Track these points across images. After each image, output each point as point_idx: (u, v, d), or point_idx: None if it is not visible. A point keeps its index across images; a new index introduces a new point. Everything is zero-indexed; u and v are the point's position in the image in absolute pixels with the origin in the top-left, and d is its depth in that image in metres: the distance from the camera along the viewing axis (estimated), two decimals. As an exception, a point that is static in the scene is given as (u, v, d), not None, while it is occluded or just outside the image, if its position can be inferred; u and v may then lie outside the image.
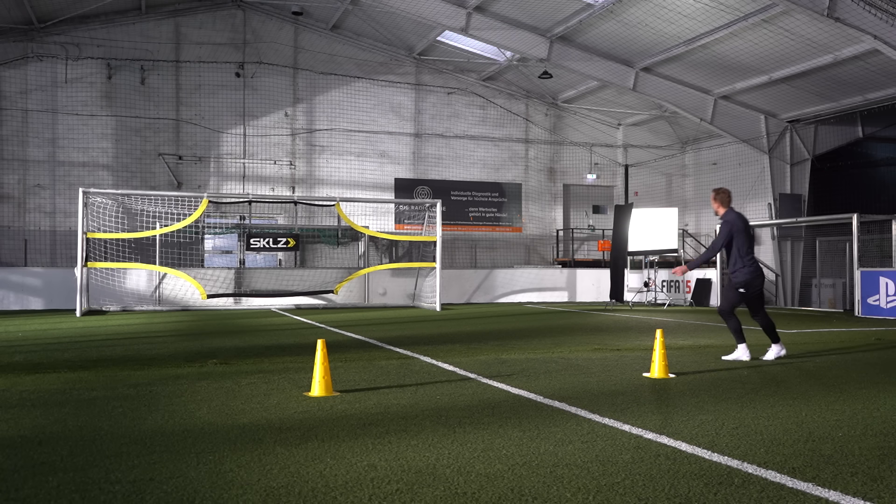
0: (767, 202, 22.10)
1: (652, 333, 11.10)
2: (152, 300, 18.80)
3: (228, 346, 9.89)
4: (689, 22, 18.06)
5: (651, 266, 21.37)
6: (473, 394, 6.14)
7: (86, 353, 8.91)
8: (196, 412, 5.34)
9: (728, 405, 5.65)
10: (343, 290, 19.62)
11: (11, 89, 21.19)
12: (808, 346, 10.18)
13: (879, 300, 16.94)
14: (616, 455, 4.16)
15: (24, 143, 21.29)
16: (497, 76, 25.12)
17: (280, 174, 23.41)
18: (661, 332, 7.30)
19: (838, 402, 5.84)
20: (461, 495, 3.45)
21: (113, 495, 3.43)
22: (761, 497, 3.43)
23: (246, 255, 20.38)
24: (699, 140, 24.98)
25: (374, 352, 9.19)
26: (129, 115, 22.03)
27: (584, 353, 8.98)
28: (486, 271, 22.66)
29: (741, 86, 20.72)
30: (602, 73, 21.39)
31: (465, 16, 19.80)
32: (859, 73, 18.36)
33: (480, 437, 4.57)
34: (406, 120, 24.76)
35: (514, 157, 25.88)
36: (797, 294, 22.27)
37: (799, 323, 14.73)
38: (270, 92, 23.30)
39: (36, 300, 18.43)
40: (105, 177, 21.76)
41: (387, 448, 4.30)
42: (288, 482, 3.64)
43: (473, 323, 14.52)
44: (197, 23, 22.67)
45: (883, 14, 14.86)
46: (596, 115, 26.35)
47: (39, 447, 4.32)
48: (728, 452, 4.22)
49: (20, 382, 6.63)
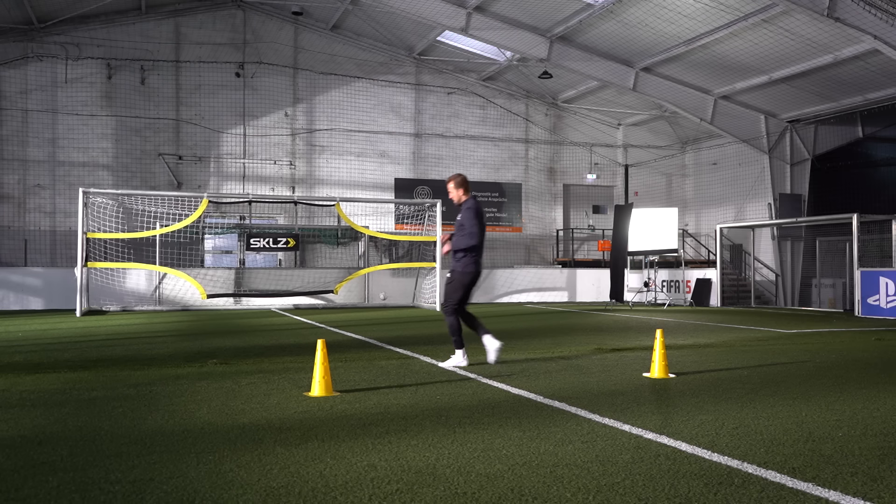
0: (767, 202, 22.11)
1: (652, 333, 11.10)
2: (152, 300, 18.79)
3: (228, 346, 9.89)
4: (689, 22, 18.06)
5: (651, 266, 21.37)
6: (473, 394, 6.14)
7: (86, 353, 8.91)
8: (196, 412, 5.34)
9: (728, 405, 5.65)
10: (343, 290, 19.62)
11: (11, 89, 21.19)
12: (808, 346, 10.17)
13: (879, 300, 16.94)
14: (616, 455, 4.16)
15: (24, 143, 21.29)
16: (497, 76, 25.12)
17: (280, 174, 23.41)
18: (661, 332, 7.30)
19: (838, 402, 5.84)
20: (461, 495, 3.45)
21: (113, 495, 3.43)
22: (761, 497, 3.43)
23: (246, 255, 20.38)
24: (699, 140, 24.98)
25: (374, 352, 9.19)
26: (129, 115, 22.03)
27: (584, 353, 8.98)
28: (486, 271, 22.63)
29: (741, 86, 20.72)
30: (602, 73, 21.39)
31: (465, 16, 19.80)
32: (859, 73, 18.36)
33: (480, 437, 4.57)
34: (406, 120, 24.75)
35: (514, 157, 25.88)
36: (797, 294, 22.27)
37: (799, 323, 14.73)
38: (270, 92, 23.29)
39: (36, 300, 18.42)
40: (105, 177, 21.75)
41: (387, 448, 4.30)
42: (288, 482, 3.64)
43: (473, 323, 14.49)
44: (197, 23, 22.67)
45: (883, 14, 14.86)
46: (596, 115, 26.35)
47: (39, 447, 4.32)
48: (728, 452, 4.22)
49: (20, 382, 6.63)
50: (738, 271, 23.43)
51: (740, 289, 22.48)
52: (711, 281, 21.55)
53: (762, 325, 13.88)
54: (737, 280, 22.91)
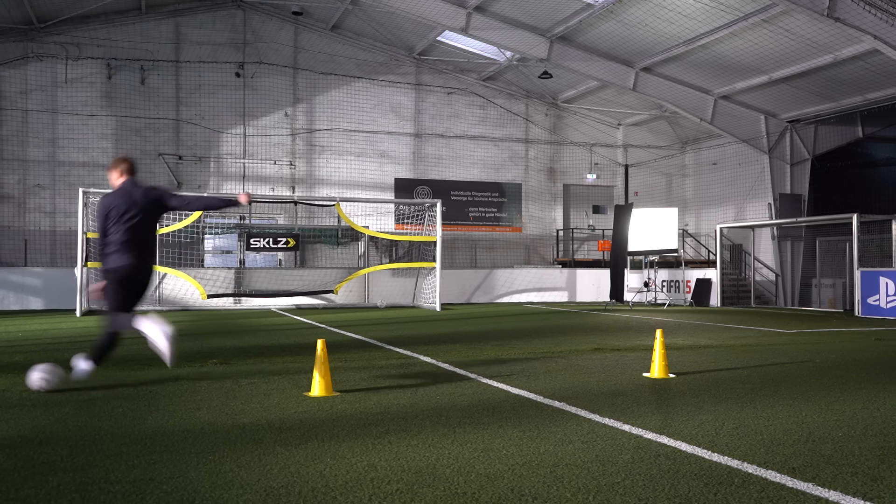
0: (767, 202, 22.11)
1: (652, 333, 11.10)
2: (152, 300, 18.78)
3: (228, 346, 9.88)
4: (689, 22, 18.06)
5: (651, 266, 21.37)
6: (473, 394, 6.14)
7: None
8: (196, 412, 5.34)
9: (728, 405, 5.65)
10: (343, 290, 19.61)
11: (11, 89, 21.18)
12: (808, 346, 10.17)
13: (879, 300, 16.94)
14: (616, 455, 4.16)
15: (24, 143, 21.29)
16: (497, 76, 25.12)
17: (280, 174, 23.41)
18: (661, 332, 7.30)
19: (838, 402, 5.84)
20: (461, 495, 3.45)
21: (113, 495, 3.43)
22: (761, 497, 3.43)
23: (246, 255, 20.37)
24: (699, 140, 24.98)
25: (374, 352, 9.19)
26: (129, 115, 22.03)
27: (584, 353, 8.98)
28: (486, 271, 22.66)
29: (741, 86, 20.72)
30: (602, 73, 21.39)
31: (465, 16, 19.80)
32: (859, 73, 18.36)
33: (480, 437, 4.57)
34: (406, 120, 24.75)
35: (514, 157, 25.88)
36: (797, 294, 22.27)
37: (799, 323, 14.73)
38: (270, 92, 23.29)
39: (36, 300, 18.42)
40: (105, 177, 21.74)
41: (387, 448, 4.30)
42: (288, 482, 3.64)
43: (473, 323, 14.52)
44: (197, 23, 22.67)
45: (883, 14, 14.86)
46: (596, 115, 26.34)
47: (39, 447, 4.32)
48: (728, 452, 4.22)
49: (20, 382, 6.62)
50: (738, 271, 23.43)
51: (740, 289, 22.48)
52: (711, 281, 21.55)
53: (762, 325, 13.88)
54: (737, 280, 22.91)
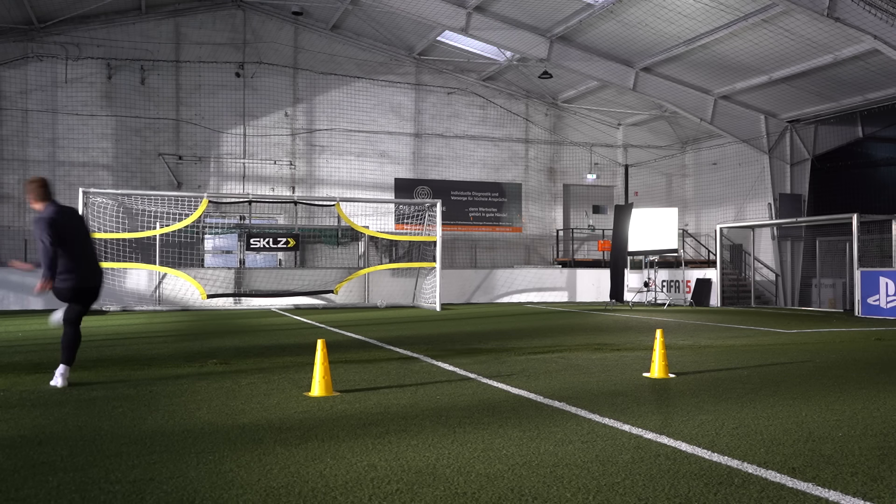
0: (767, 202, 22.10)
1: (652, 333, 11.10)
2: (152, 300, 18.79)
3: (228, 346, 9.89)
4: (689, 22, 18.06)
5: (651, 266, 21.37)
6: (473, 394, 6.14)
7: (86, 353, 8.89)
8: (196, 412, 5.34)
9: (728, 405, 5.65)
10: (343, 290, 19.62)
11: (11, 89, 21.18)
12: (808, 346, 10.17)
13: (879, 300, 16.94)
14: (616, 455, 4.16)
15: (24, 143, 21.28)
16: (497, 76, 25.11)
17: (280, 174, 23.41)
18: (661, 332, 7.30)
19: (838, 402, 5.84)
20: (461, 495, 3.45)
21: (113, 495, 3.43)
22: (761, 497, 3.43)
23: (246, 255, 20.37)
24: (699, 140, 24.98)
25: (374, 352, 9.19)
26: (129, 115, 22.03)
27: (584, 353, 8.98)
28: (486, 271, 22.65)
29: (741, 86, 20.72)
30: (602, 73, 21.38)
31: (465, 16, 19.80)
32: (859, 73, 18.36)
33: (480, 437, 4.57)
34: (406, 120, 24.75)
35: (514, 157, 25.88)
36: (797, 294, 22.27)
37: (799, 323, 14.73)
38: (270, 92, 23.29)
39: (36, 300, 18.41)
40: (105, 177, 21.75)
41: (387, 448, 4.30)
42: (288, 482, 3.64)
43: (473, 323, 14.52)
44: (197, 23, 22.67)
45: (883, 14, 14.86)
46: (596, 115, 26.34)
47: (39, 447, 4.32)
48: (728, 452, 4.22)
49: (20, 382, 6.63)
50: (738, 271, 23.43)
51: (740, 289, 22.48)
52: (711, 281, 21.55)
53: (762, 325, 13.88)
54: (737, 280, 22.90)
